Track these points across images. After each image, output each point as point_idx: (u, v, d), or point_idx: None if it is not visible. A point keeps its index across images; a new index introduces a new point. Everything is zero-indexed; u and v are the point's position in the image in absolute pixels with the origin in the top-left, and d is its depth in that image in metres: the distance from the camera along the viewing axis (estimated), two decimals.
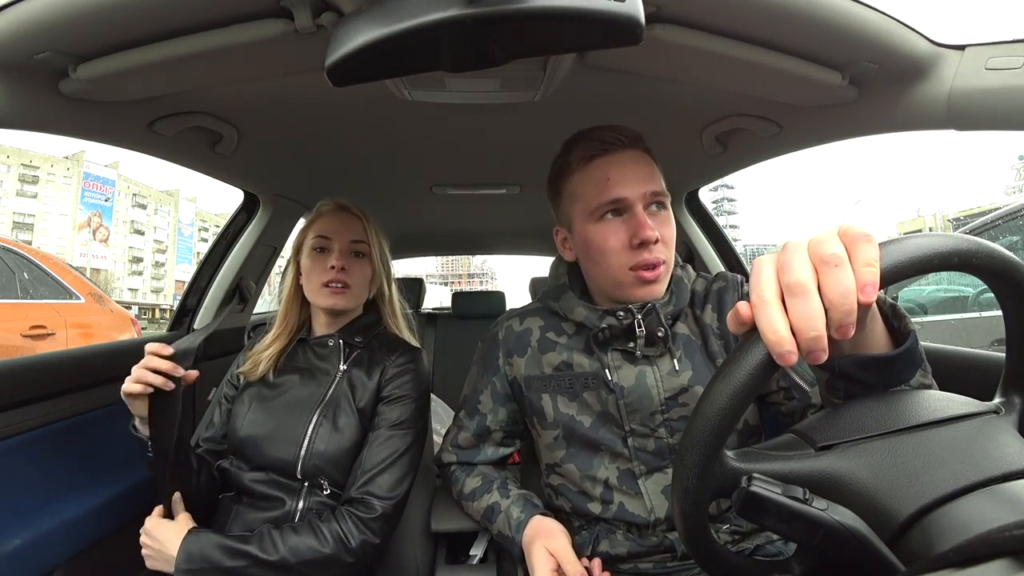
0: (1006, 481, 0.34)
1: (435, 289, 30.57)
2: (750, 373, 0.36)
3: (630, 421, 0.75)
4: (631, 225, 0.70)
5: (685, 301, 0.78)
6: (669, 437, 0.75)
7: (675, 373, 0.74)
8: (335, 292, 0.92)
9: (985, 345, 2.64)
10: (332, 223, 0.95)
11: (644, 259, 0.70)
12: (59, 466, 0.87)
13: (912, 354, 0.45)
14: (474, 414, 0.88)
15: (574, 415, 0.79)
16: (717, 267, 1.54)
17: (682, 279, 0.79)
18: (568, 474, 0.80)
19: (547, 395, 0.80)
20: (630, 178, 0.71)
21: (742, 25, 0.64)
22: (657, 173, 0.74)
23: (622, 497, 0.76)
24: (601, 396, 0.76)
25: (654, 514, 0.74)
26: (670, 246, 0.73)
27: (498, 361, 0.86)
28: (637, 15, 0.42)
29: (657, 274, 0.71)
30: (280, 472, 0.86)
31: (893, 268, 0.35)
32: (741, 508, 0.37)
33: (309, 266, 0.94)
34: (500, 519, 0.79)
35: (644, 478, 0.75)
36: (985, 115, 0.64)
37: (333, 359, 0.95)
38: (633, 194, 0.70)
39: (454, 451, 0.91)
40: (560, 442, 0.80)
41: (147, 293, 69.81)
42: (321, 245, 0.93)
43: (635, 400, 0.75)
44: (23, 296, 2.86)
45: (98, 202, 59.52)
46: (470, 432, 0.88)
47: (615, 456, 0.77)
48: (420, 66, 0.51)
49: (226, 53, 0.65)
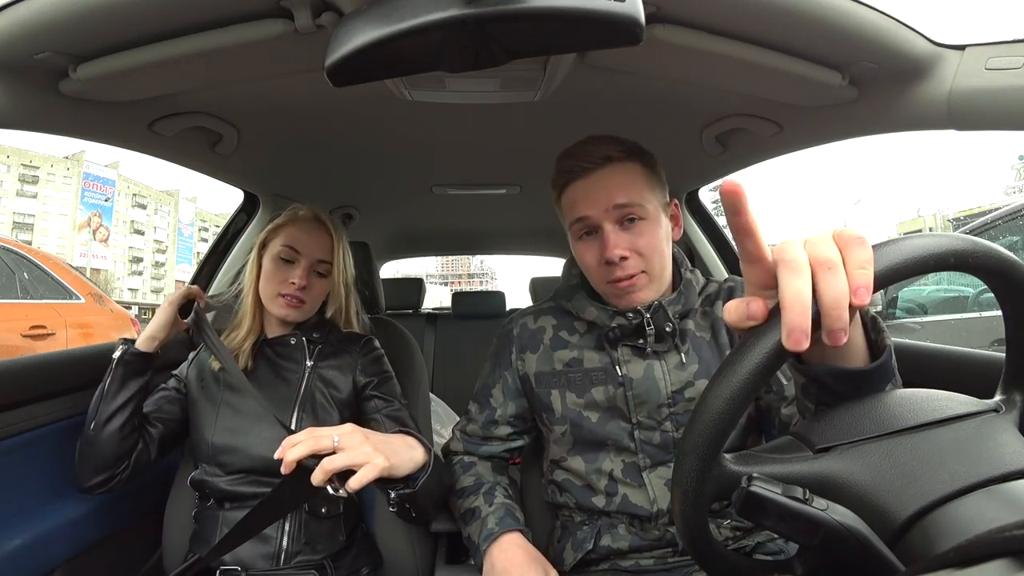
0: (1006, 481, 0.34)
1: (435, 289, 30.48)
2: (749, 373, 0.36)
3: (637, 413, 0.77)
4: (601, 244, 0.74)
5: (694, 301, 0.80)
6: (674, 431, 0.77)
7: (682, 367, 0.77)
8: (289, 305, 0.92)
9: (985, 345, 2.64)
10: (303, 235, 0.93)
11: (615, 275, 0.74)
12: (59, 466, 0.87)
13: (886, 369, 0.44)
14: (485, 407, 0.90)
15: (582, 411, 0.80)
16: (717, 267, 1.54)
17: (691, 281, 0.81)
18: (574, 468, 0.81)
19: (556, 391, 0.82)
20: (593, 198, 0.74)
21: (742, 25, 0.64)
22: (634, 181, 0.75)
23: (626, 489, 0.77)
24: (609, 391, 0.78)
25: (656, 504, 0.75)
26: (646, 255, 0.74)
27: (511, 356, 0.88)
28: (637, 15, 0.43)
29: (633, 283, 0.74)
30: (264, 472, 0.86)
31: (890, 269, 0.35)
32: (741, 508, 0.37)
33: (270, 271, 0.92)
34: (474, 525, 0.79)
35: (648, 471, 0.77)
36: (985, 115, 0.64)
37: (298, 356, 0.96)
38: (596, 212, 0.73)
39: (462, 439, 0.92)
40: (567, 438, 0.82)
41: (147, 293, 69.77)
42: (287, 256, 0.92)
43: (643, 392, 0.77)
44: (23, 296, 2.86)
45: (98, 202, 59.50)
46: (478, 424, 0.90)
47: (621, 450, 0.78)
48: (420, 66, 0.51)
49: (226, 53, 0.65)
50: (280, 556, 0.84)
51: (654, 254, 0.75)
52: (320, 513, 0.88)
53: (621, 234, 0.74)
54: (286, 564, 0.84)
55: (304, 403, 0.91)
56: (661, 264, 0.76)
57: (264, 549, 0.84)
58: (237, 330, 0.95)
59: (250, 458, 0.87)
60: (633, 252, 0.73)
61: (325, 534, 0.88)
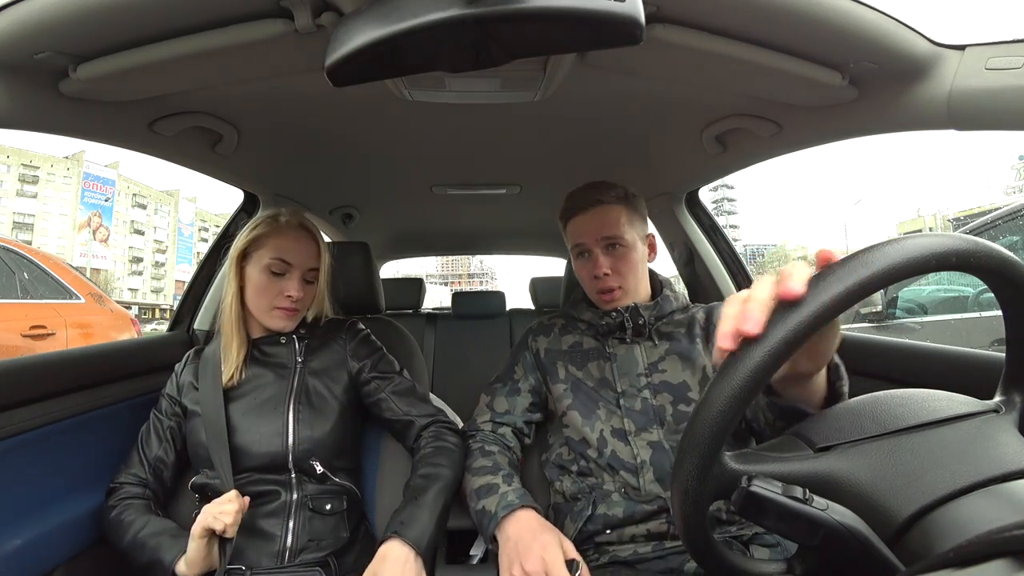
0: (1006, 481, 0.34)
1: (435, 289, 30.41)
2: (751, 372, 0.36)
3: (621, 383, 0.94)
4: (591, 264, 0.97)
5: (667, 311, 1.00)
6: (653, 398, 0.92)
7: (654, 347, 0.97)
8: (287, 316, 0.93)
9: (985, 345, 2.64)
10: (292, 246, 0.93)
11: (600, 287, 0.98)
12: (59, 466, 0.87)
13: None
14: (508, 381, 1.04)
15: (580, 378, 0.98)
16: (717, 267, 1.54)
17: (669, 297, 1.01)
18: (572, 422, 0.94)
19: (561, 363, 1.01)
20: (588, 230, 0.98)
21: (742, 25, 0.64)
22: (618, 220, 0.96)
23: (614, 445, 0.90)
24: (601, 364, 0.98)
25: (640, 457, 0.87)
26: (624, 274, 0.97)
27: (528, 340, 1.07)
28: (637, 15, 0.43)
29: (613, 296, 0.97)
30: (268, 468, 0.87)
31: (892, 269, 0.35)
32: (741, 508, 0.37)
33: (262, 284, 0.92)
34: (492, 498, 0.82)
35: (633, 435, 0.90)
36: (985, 115, 0.64)
37: (288, 353, 0.96)
38: (589, 240, 0.97)
39: (488, 411, 1.01)
40: (568, 393, 0.97)
41: (147, 293, 69.78)
42: (279, 270, 0.92)
43: (625, 365, 0.96)
44: (23, 296, 2.86)
45: (98, 202, 59.48)
46: (503, 395, 1.02)
47: (610, 414, 0.93)
48: (420, 66, 0.51)
49: (226, 53, 0.65)
50: (285, 554, 0.84)
51: (629, 273, 0.97)
52: (324, 510, 0.88)
53: (605, 258, 0.96)
54: (290, 562, 0.84)
55: (299, 396, 0.92)
56: (635, 280, 0.99)
57: (268, 547, 0.84)
58: (228, 349, 0.93)
59: (252, 457, 0.87)
60: (614, 271, 0.96)
61: (329, 531, 0.88)
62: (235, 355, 0.93)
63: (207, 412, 0.90)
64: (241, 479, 0.86)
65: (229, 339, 0.93)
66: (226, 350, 0.93)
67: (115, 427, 0.98)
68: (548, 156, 1.28)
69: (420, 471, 0.88)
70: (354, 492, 0.94)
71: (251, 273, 0.93)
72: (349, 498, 0.92)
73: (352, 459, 0.98)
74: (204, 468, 0.89)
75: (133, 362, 1.10)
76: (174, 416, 0.94)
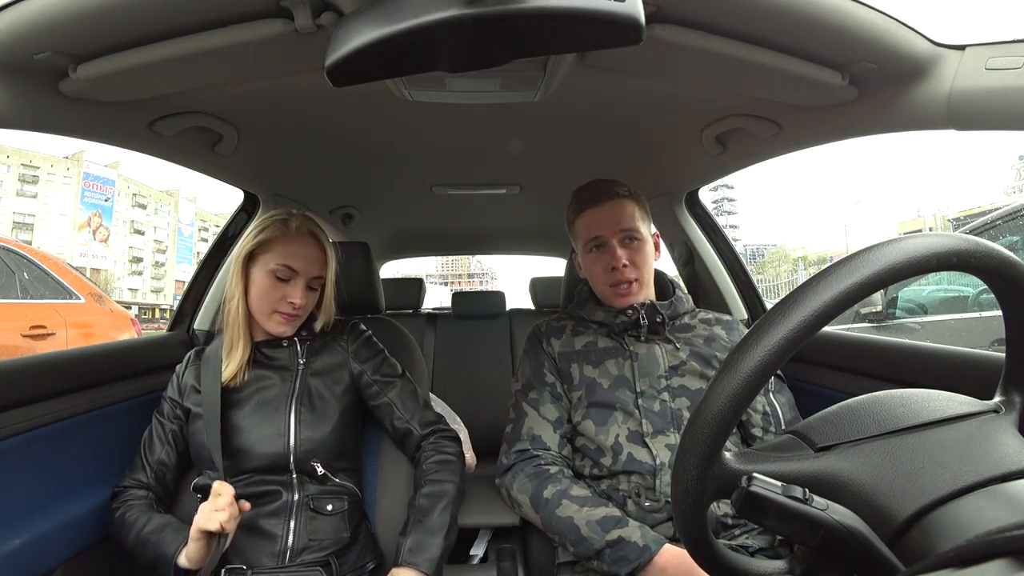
0: (1006, 481, 0.34)
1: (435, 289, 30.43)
2: (751, 371, 0.36)
3: (640, 383, 0.93)
4: (608, 256, 0.96)
5: (680, 311, 1.01)
6: (671, 401, 0.91)
7: (675, 351, 0.96)
8: (287, 321, 0.93)
9: (985, 345, 2.64)
10: (300, 253, 0.92)
11: (616, 279, 0.96)
12: (59, 466, 0.87)
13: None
14: (542, 386, 1.00)
15: (595, 379, 0.96)
16: (717, 267, 1.54)
17: (681, 297, 1.03)
18: (587, 432, 0.93)
19: (575, 364, 0.99)
20: (605, 222, 0.97)
21: (742, 25, 0.64)
22: (634, 214, 0.98)
23: (631, 449, 0.89)
24: (620, 362, 0.96)
25: (658, 459, 0.87)
26: (640, 267, 0.97)
27: (542, 345, 1.05)
28: (637, 15, 0.43)
29: (630, 289, 0.97)
30: (269, 469, 0.87)
31: (893, 268, 0.35)
32: (741, 508, 0.37)
33: (265, 288, 0.91)
34: (626, 529, 0.80)
35: (650, 437, 0.89)
36: (985, 115, 0.64)
37: (290, 355, 0.96)
38: (607, 232, 0.97)
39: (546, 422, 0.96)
40: (582, 402, 0.96)
41: (147, 293, 69.70)
42: (285, 276, 0.91)
43: (646, 364, 0.95)
44: (23, 296, 2.86)
45: (98, 202, 59.42)
46: (548, 402, 0.98)
47: (627, 416, 0.91)
48: (420, 66, 0.51)
49: (226, 53, 0.65)
50: (286, 554, 0.84)
51: (644, 266, 0.98)
52: (325, 511, 0.88)
53: (623, 249, 0.96)
54: (291, 562, 0.84)
55: (301, 397, 0.92)
56: (648, 275, 1.00)
57: (270, 547, 0.84)
58: (232, 351, 0.93)
59: (253, 458, 0.87)
60: (631, 263, 0.96)
61: (330, 531, 0.88)
62: (239, 357, 0.92)
63: (209, 414, 0.90)
64: (242, 480, 0.87)
65: (233, 341, 0.93)
66: (230, 352, 0.93)
67: (115, 427, 0.98)
68: (548, 156, 1.28)
69: (423, 490, 0.90)
70: (355, 492, 0.94)
71: (256, 276, 0.93)
72: (350, 498, 0.92)
73: (353, 459, 0.98)
74: (206, 469, 0.89)
75: (133, 362, 1.10)
76: (176, 419, 0.94)
